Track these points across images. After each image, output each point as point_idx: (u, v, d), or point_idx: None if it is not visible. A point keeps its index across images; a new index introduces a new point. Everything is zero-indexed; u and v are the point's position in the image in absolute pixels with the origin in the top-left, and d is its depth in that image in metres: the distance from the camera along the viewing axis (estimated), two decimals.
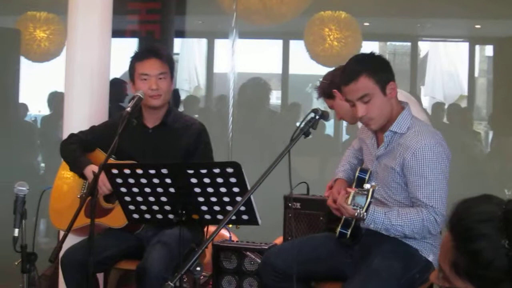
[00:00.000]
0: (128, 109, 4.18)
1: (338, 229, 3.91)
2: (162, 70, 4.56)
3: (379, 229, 3.72)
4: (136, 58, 4.63)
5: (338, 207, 3.77)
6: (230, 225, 4.90)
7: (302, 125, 3.59)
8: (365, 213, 3.53)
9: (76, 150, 4.63)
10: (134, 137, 4.51)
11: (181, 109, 8.44)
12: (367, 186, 3.58)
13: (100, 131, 4.72)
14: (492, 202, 1.83)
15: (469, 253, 1.76)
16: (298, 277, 3.75)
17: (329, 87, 4.55)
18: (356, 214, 3.52)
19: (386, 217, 3.69)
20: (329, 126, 8.30)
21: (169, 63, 4.63)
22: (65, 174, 4.77)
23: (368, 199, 3.53)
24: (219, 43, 8.94)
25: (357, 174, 3.93)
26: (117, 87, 7.10)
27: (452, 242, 1.81)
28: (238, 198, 3.58)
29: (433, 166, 3.73)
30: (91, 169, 4.42)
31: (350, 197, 3.57)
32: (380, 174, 3.91)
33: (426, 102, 8.80)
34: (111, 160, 4.25)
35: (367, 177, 3.90)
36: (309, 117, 3.63)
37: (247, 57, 8.21)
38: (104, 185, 4.27)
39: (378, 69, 3.84)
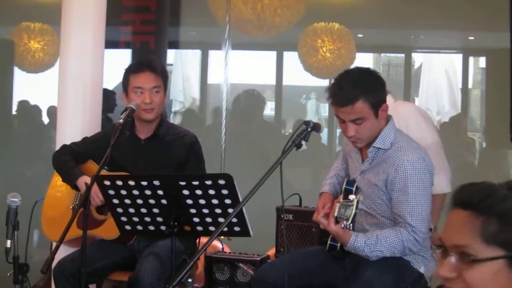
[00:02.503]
0: (121, 120, 4.19)
1: (328, 241, 3.93)
2: (156, 83, 4.56)
3: (360, 255, 3.78)
4: (131, 71, 4.62)
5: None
6: (222, 237, 4.92)
7: (293, 137, 3.60)
8: (350, 224, 3.58)
9: (69, 161, 4.63)
10: (126, 148, 4.52)
11: (177, 120, 8.46)
12: (352, 197, 3.64)
13: (93, 143, 4.72)
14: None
15: (498, 215, 1.77)
16: None
17: None
18: (342, 226, 3.58)
19: (366, 245, 3.74)
20: (323, 137, 8.31)
21: (163, 76, 4.63)
22: (58, 185, 4.77)
23: (353, 210, 3.59)
24: (212, 54, 8.94)
25: (344, 186, 3.96)
26: (106, 98, 7.11)
27: (471, 213, 1.80)
28: (230, 210, 3.57)
29: (415, 182, 3.74)
30: (83, 181, 4.41)
31: (336, 209, 3.64)
32: (365, 189, 3.92)
33: None
34: (104, 172, 4.24)
35: (354, 189, 3.92)
36: (300, 129, 3.65)
37: (241, 68, 8.21)
38: (97, 197, 4.27)
39: (375, 92, 3.80)
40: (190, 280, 3.15)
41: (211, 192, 3.59)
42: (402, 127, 4.23)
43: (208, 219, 3.69)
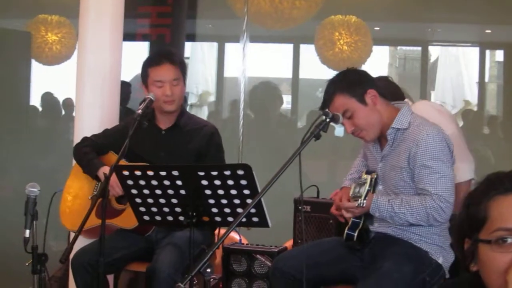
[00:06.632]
0: (139, 111, 4.20)
1: (346, 231, 3.95)
2: (176, 76, 4.57)
3: (384, 217, 3.83)
4: (149, 64, 4.62)
5: (340, 212, 3.94)
6: (241, 227, 4.92)
7: (312, 128, 3.60)
8: (364, 201, 3.67)
9: (89, 153, 4.65)
10: (147, 138, 4.54)
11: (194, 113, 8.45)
12: (366, 175, 3.72)
13: (113, 134, 4.73)
14: None
15: None
16: (308, 281, 3.74)
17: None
18: (356, 204, 3.64)
19: (389, 204, 3.79)
20: (339, 129, 8.30)
21: (182, 68, 4.64)
22: (77, 176, 4.78)
23: (367, 187, 3.67)
24: (229, 47, 8.94)
25: (362, 176, 4.00)
26: (121, 90, 7.11)
27: None
28: (249, 201, 3.57)
29: (436, 154, 3.79)
30: (103, 171, 4.42)
31: (352, 189, 3.73)
32: (387, 175, 3.95)
33: None
34: (123, 162, 4.25)
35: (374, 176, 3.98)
36: (319, 120, 3.66)
37: (258, 61, 8.20)
38: (117, 186, 4.27)
39: (350, 84, 3.93)
40: (208, 270, 3.14)
41: (230, 182, 3.58)
42: None
43: (227, 210, 3.69)
